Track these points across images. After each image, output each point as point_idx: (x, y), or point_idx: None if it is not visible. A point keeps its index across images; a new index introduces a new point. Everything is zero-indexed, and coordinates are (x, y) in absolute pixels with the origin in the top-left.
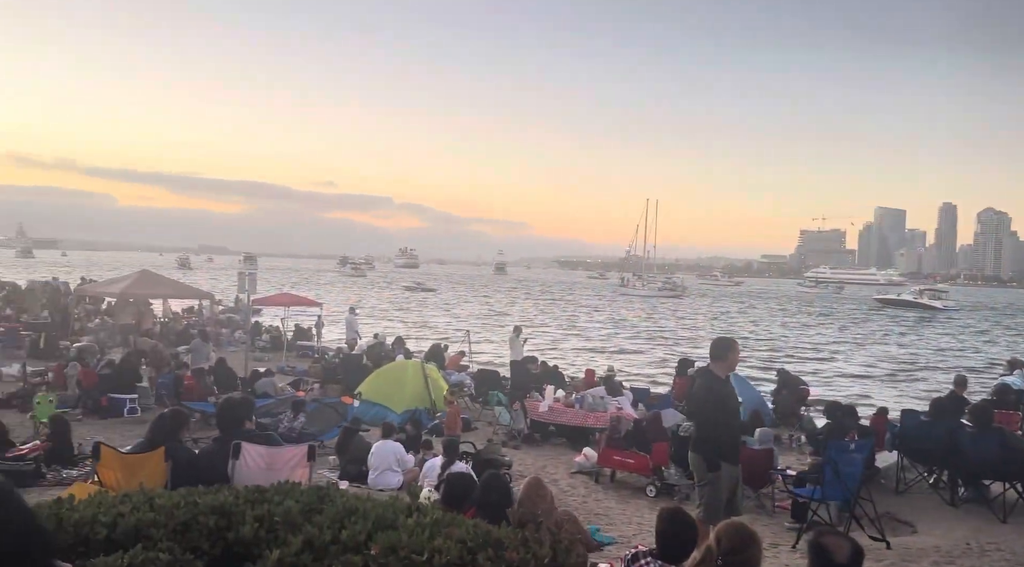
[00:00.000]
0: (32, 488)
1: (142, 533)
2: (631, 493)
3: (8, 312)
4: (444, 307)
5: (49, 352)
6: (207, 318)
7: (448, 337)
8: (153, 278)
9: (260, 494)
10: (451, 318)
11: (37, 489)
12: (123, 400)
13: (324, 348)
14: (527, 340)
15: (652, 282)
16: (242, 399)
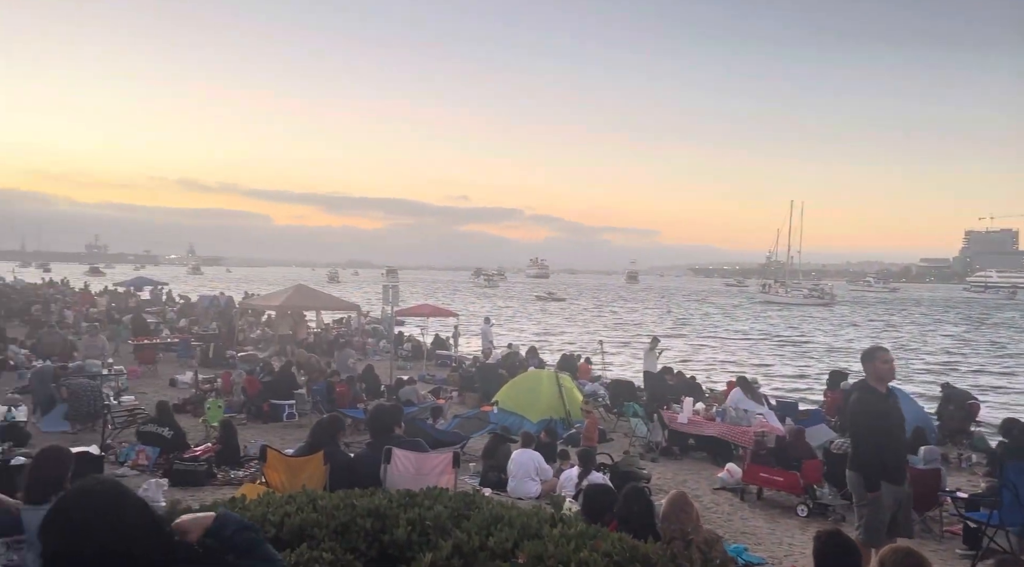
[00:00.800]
0: (205, 487)
1: (306, 532)
2: (780, 512)
3: (182, 324)
4: (575, 317)
5: (217, 361)
6: (354, 329)
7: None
8: (307, 292)
9: (411, 498)
10: (582, 328)
11: (210, 488)
12: (282, 406)
13: (461, 357)
14: (663, 351)
15: (797, 289)
16: (392, 407)
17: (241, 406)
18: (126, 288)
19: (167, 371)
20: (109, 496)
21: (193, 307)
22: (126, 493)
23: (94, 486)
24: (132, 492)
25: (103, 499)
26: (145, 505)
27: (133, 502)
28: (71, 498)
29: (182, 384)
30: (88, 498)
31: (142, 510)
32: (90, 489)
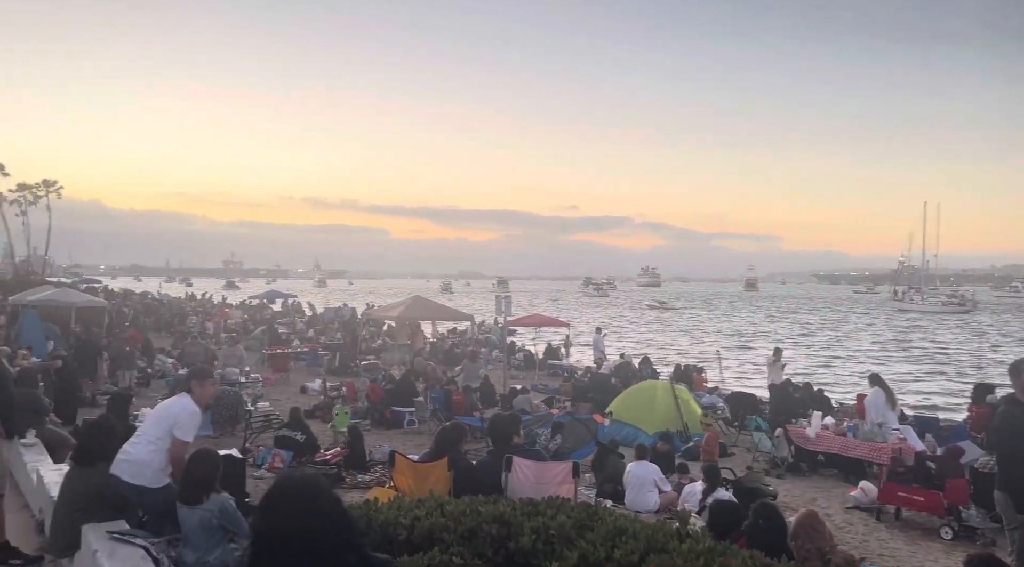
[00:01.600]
0: (335, 489)
1: (435, 536)
2: (921, 534)
3: (310, 335)
4: (689, 326)
5: (342, 369)
6: (468, 339)
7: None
8: (424, 303)
9: (534, 507)
10: (697, 338)
11: (339, 490)
12: (403, 413)
13: (573, 367)
14: (787, 364)
15: (934, 295)
16: (511, 416)
17: (365, 412)
18: (259, 301)
19: (298, 379)
20: (311, 486)
21: (319, 318)
22: (325, 486)
23: (300, 476)
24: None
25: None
26: (339, 498)
27: (330, 494)
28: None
29: (312, 391)
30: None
31: (337, 501)
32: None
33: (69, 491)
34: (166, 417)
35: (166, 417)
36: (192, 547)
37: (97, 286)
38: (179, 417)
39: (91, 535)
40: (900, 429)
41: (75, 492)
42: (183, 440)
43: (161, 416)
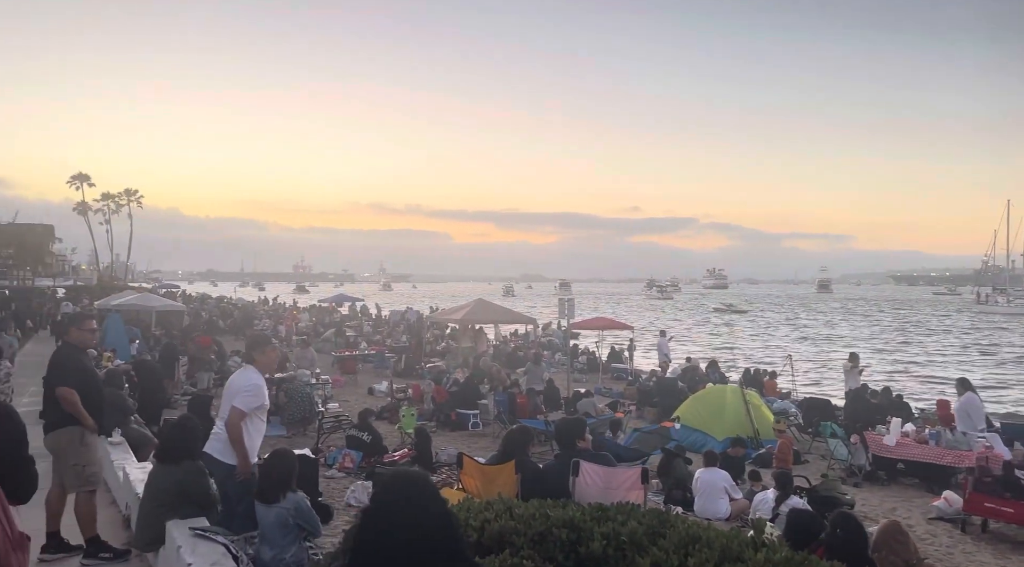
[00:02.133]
0: None
1: (505, 539)
2: (1011, 548)
3: (376, 338)
4: (758, 330)
5: (408, 372)
6: (531, 342)
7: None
8: (487, 306)
9: (603, 512)
10: (766, 342)
11: None
12: (468, 415)
13: (637, 370)
14: (864, 369)
15: (1020, 297)
16: (577, 420)
17: (431, 414)
18: (328, 304)
19: (366, 380)
20: (421, 482)
21: (385, 321)
22: (429, 483)
23: (411, 473)
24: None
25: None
26: (445, 499)
27: (435, 491)
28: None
29: (379, 392)
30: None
31: (442, 501)
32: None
33: (153, 488)
34: (230, 391)
35: (230, 391)
36: (269, 544)
37: (175, 291)
38: (240, 388)
39: (175, 531)
40: (986, 437)
41: (159, 489)
42: (240, 409)
43: (229, 392)
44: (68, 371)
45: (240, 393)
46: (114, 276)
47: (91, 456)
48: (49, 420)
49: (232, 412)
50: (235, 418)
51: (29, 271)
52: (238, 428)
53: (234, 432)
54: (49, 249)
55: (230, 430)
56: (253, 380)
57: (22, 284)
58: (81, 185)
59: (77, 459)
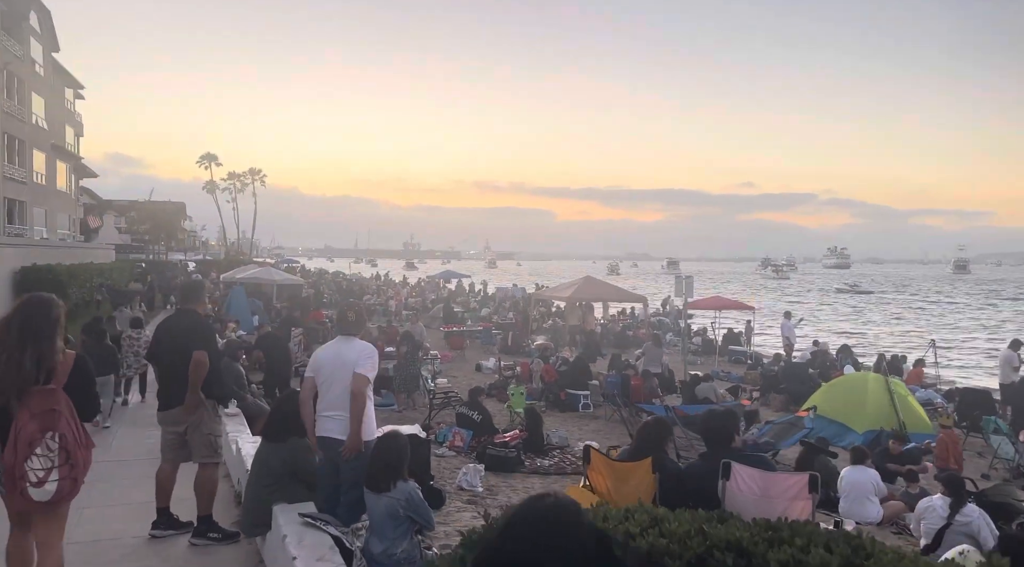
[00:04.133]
0: (515, 473)
1: (655, 559)
2: None
3: (483, 314)
4: (888, 312)
5: (515, 348)
6: (640, 321)
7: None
8: (596, 283)
9: (775, 532)
10: (899, 325)
11: (519, 475)
12: (578, 396)
13: (757, 354)
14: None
15: None
16: (728, 413)
17: (540, 394)
18: (437, 280)
19: (472, 356)
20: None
21: (491, 298)
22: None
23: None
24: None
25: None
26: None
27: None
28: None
29: (486, 369)
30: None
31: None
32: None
33: (259, 467)
34: (343, 359)
35: (343, 359)
36: (379, 537)
37: (296, 266)
38: (360, 353)
39: (281, 517)
40: None
41: (266, 467)
42: (365, 375)
43: (341, 361)
44: (206, 338)
45: (362, 358)
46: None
47: (220, 427)
48: (177, 390)
49: (358, 379)
50: (361, 385)
51: (163, 246)
52: (363, 397)
53: (360, 401)
54: (181, 225)
55: (355, 399)
56: (369, 347)
57: (157, 258)
58: (209, 165)
59: (212, 429)
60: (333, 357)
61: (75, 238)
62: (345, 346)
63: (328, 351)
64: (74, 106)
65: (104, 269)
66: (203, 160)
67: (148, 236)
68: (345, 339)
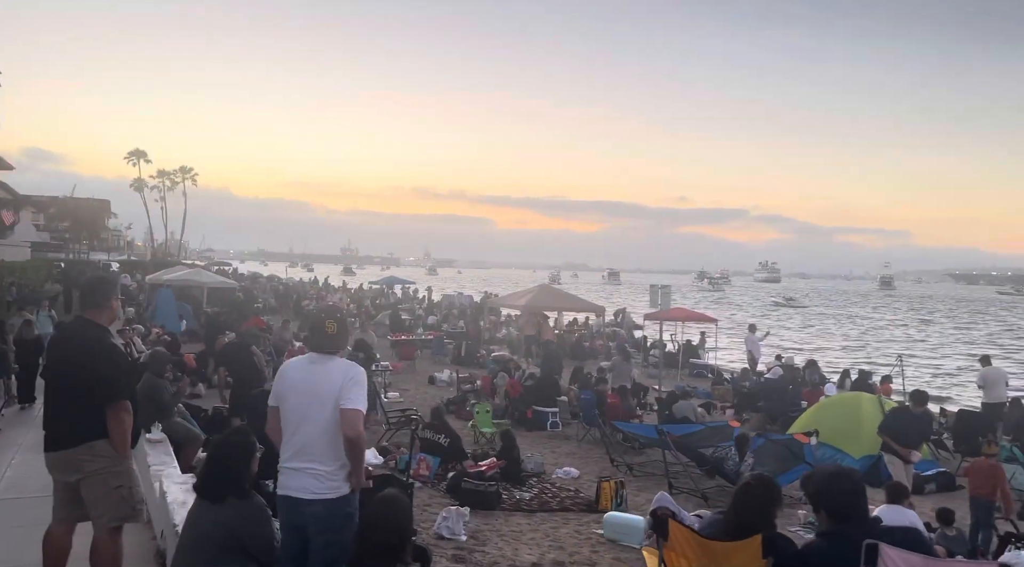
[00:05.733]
0: (495, 510)
1: None
2: None
3: (430, 322)
4: (831, 326)
5: (469, 359)
6: (595, 332)
7: (859, 361)
8: (552, 292)
9: None
10: (849, 339)
11: (501, 514)
12: (546, 413)
13: (718, 368)
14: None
15: None
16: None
17: (503, 411)
18: (379, 286)
19: (424, 367)
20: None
21: (437, 305)
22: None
23: None
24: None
25: None
26: None
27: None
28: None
29: (440, 382)
30: None
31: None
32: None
33: (193, 534)
34: (326, 386)
35: (326, 386)
36: None
37: (228, 268)
38: (348, 378)
39: None
40: None
41: (202, 536)
42: (360, 409)
43: (323, 387)
44: (113, 367)
45: (349, 386)
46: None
47: (133, 473)
48: (71, 427)
49: (350, 418)
50: (357, 426)
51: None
52: (362, 443)
53: (358, 450)
54: (105, 223)
55: (353, 447)
56: (357, 370)
57: (77, 258)
58: (138, 161)
59: (120, 479)
60: (305, 384)
61: None
62: (322, 369)
63: (297, 373)
64: None
65: (16, 268)
66: (132, 156)
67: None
68: (321, 359)
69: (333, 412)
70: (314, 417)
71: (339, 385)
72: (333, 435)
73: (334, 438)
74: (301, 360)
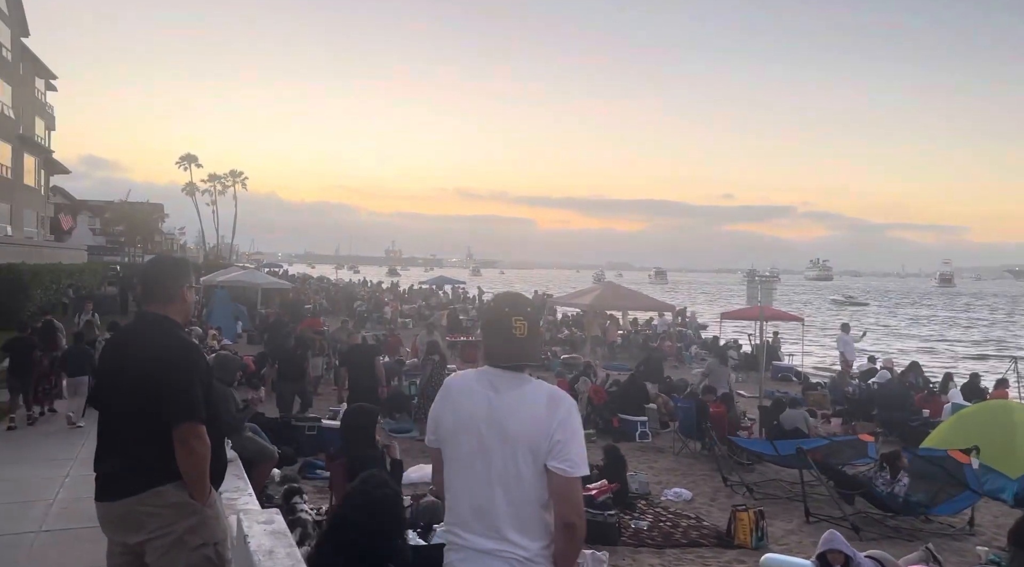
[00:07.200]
0: (616, 547)
1: None
2: None
3: None
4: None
5: None
6: (661, 332)
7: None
8: (618, 290)
9: None
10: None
11: (625, 550)
12: (634, 423)
13: (804, 371)
14: None
15: None
16: None
17: (587, 419)
18: (429, 286)
19: None
20: None
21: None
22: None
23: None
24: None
25: None
26: None
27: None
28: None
29: None
30: None
31: None
32: None
33: None
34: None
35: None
36: None
37: (278, 270)
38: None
39: None
40: None
41: None
42: (576, 476)
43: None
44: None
45: (566, 432)
46: (220, 256)
47: (224, 523)
48: (129, 466)
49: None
50: (578, 500)
51: (139, 248)
52: (581, 532)
53: (582, 535)
54: (158, 227)
55: (576, 533)
56: (568, 402)
57: (132, 261)
58: (189, 166)
59: (202, 535)
60: (489, 416)
61: (44, 237)
62: (513, 396)
63: (474, 398)
64: (45, 97)
65: (74, 271)
66: (183, 161)
67: (124, 238)
68: (507, 380)
69: (535, 468)
70: (505, 468)
71: (546, 427)
72: (535, 501)
73: (537, 506)
74: (473, 378)
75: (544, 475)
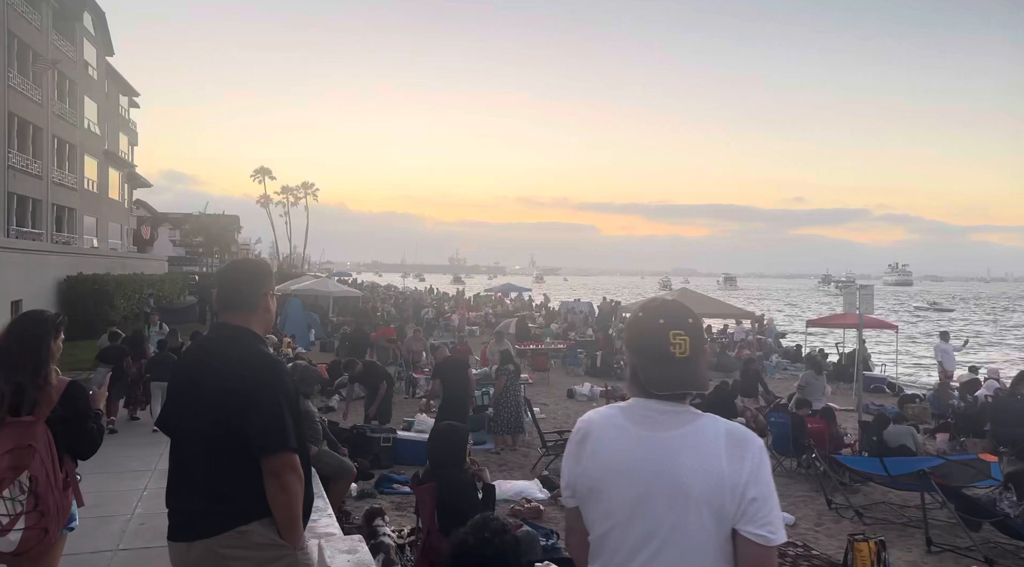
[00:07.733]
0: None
1: None
2: None
3: (554, 329)
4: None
5: (604, 371)
6: (739, 341)
7: None
8: (696, 297)
9: None
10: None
11: None
12: None
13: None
14: None
15: None
16: None
17: None
18: (496, 294)
19: (556, 380)
20: None
21: (556, 313)
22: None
23: None
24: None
25: None
26: None
27: None
28: None
29: (580, 396)
30: None
31: None
32: None
33: None
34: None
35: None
36: None
37: (347, 280)
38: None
39: None
40: None
41: None
42: (772, 545)
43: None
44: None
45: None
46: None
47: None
48: (208, 502)
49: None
50: None
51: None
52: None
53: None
54: (235, 238)
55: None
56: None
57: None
58: (263, 179)
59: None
60: (646, 462)
61: (127, 249)
62: (676, 436)
63: (623, 444)
64: (128, 114)
65: (155, 281)
66: (257, 174)
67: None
68: (666, 415)
69: (718, 533)
70: (674, 531)
71: (732, 479)
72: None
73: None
74: (620, 413)
75: (729, 542)
